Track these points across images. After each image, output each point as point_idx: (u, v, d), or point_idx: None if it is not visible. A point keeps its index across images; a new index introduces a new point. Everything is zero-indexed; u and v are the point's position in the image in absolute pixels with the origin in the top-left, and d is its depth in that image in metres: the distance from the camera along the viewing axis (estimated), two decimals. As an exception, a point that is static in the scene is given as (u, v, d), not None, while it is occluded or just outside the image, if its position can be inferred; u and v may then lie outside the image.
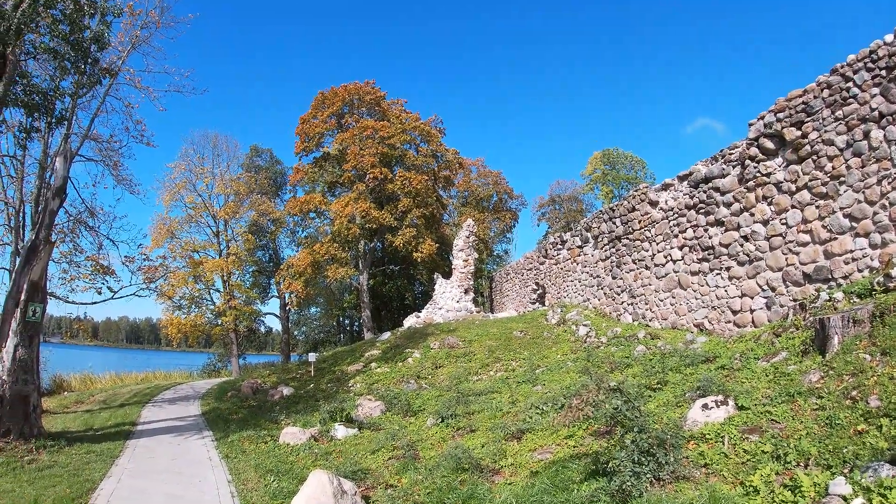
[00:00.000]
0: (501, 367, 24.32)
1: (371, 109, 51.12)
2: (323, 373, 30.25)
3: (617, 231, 26.82)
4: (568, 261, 32.51)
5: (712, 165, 20.67)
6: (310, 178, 51.30)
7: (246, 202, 51.37)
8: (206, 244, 49.19)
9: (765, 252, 18.39)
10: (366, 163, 46.31)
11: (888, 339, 10.49)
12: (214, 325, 48.92)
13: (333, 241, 47.30)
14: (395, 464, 14.42)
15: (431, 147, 52.20)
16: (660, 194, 23.94)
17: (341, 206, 45.99)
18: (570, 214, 62.31)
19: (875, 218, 15.18)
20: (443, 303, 40.58)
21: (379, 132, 47.51)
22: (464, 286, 40.88)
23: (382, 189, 47.90)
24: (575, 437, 13.05)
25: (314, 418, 20.52)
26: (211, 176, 49.62)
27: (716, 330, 19.87)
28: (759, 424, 10.26)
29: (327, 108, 50.27)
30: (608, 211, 28.14)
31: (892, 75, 14.79)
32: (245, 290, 51.52)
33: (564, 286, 32.92)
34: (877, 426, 8.48)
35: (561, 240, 33.99)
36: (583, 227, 31.13)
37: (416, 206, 47.62)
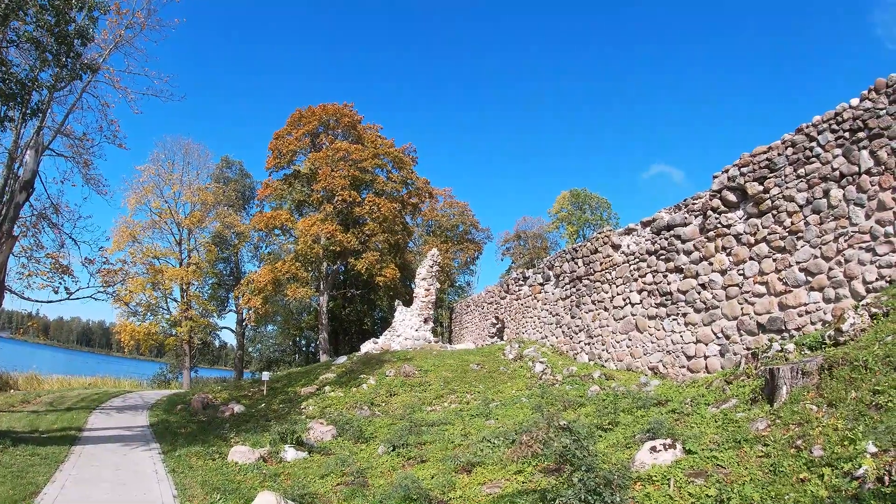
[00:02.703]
0: (456, 398, 24.29)
1: (347, 132, 51.15)
2: (276, 393, 29.90)
3: (578, 271, 27.12)
4: (529, 297, 32.72)
5: (675, 214, 21.10)
6: (278, 194, 50.98)
7: (212, 213, 50.83)
8: (168, 252, 48.56)
9: (721, 301, 18.79)
10: (336, 184, 46.26)
11: (835, 392, 10.77)
12: (169, 334, 48.07)
13: (296, 260, 47.02)
14: (343, 490, 14.29)
15: (403, 174, 52.32)
16: (622, 238, 24.33)
17: (307, 225, 45.75)
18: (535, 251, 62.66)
19: (830, 273, 15.65)
20: (402, 330, 40.43)
21: (352, 155, 47.54)
22: (424, 315, 40.83)
23: (350, 212, 47.84)
24: (524, 473, 13.07)
25: (264, 438, 20.27)
26: (179, 183, 49.05)
27: (670, 374, 20.15)
28: (705, 469, 10.42)
29: (303, 126, 50.18)
30: (571, 251, 28.47)
31: (855, 137, 15.35)
32: (203, 301, 50.79)
33: (524, 322, 33.10)
34: (819, 475, 8.68)
35: (523, 276, 34.23)
36: (545, 264, 31.42)
37: (382, 232, 47.59)
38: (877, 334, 12.10)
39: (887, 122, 14.68)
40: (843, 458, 8.68)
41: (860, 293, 14.84)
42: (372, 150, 49.62)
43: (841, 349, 12.51)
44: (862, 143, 15.25)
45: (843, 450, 8.91)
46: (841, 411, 10.04)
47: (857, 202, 15.28)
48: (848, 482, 8.18)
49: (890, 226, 14.52)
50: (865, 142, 15.16)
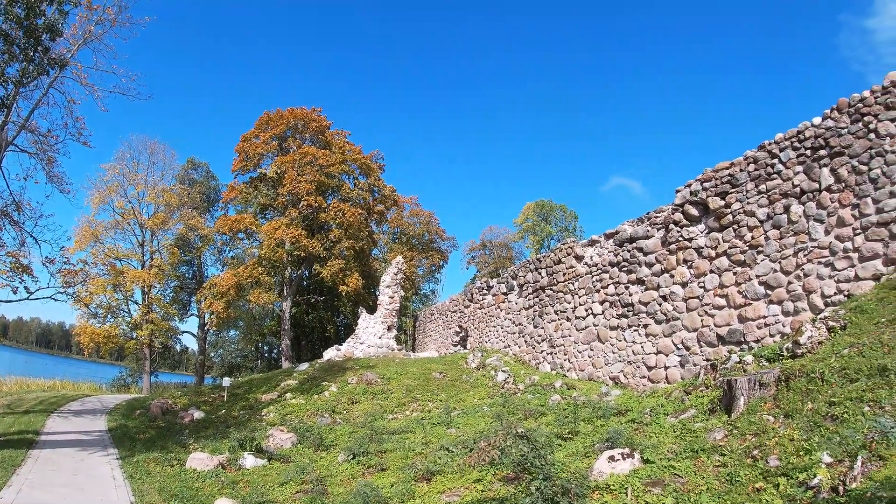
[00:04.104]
0: (418, 407, 24.21)
1: (315, 137, 50.81)
2: (236, 399, 29.54)
3: (542, 281, 27.22)
4: (492, 306, 32.76)
5: (638, 226, 21.30)
6: (243, 197, 50.46)
7: (176, 214, 50.14)
8: (130, 253, 47.76)
9: (682, 312, 18.99)
10: (302, 189, 45.91)
11: (791, 403, 10.88)
12: (129, 337, 47.30)
13: (260, 265, 46.50)
14: (302, 498, 14.17)
15: (370, 181, 52.15)
16: (585, 249, 24.50)
17: (272, 229, 45.32)
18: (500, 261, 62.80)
19: (789, 287, 15.91)
20: (365, 338, 40.23)
21: (319, 160, 47.22)
22: (387, 323, 40.68)
23: (315, 217, 47.54)
24: (484, 482, 13.03)
25: (223, 445, 20.01)
26: (144, 183, 48.31)
27: (630, 384, 20.28)
28: (662, 478, 10.45)
29: (270, 130, 49.74)
30: (535, 261, 28.57)
31: (816, 155, 15.67)
32: (164, 305, 50.08)
33: (487, 331, 33.11)
34: (774, 485, 8.75)
35: (487, 285, 34.27)
36: (509, 274, 31.49)
37: (348, 238, 47.31)
38: (834, 347, 12.27)
39: (848, 141, 15.00)
40: (798, 469, 8.76)
41: (819, 307, 15.10)
42: (339, 155, 49.38)
43: (798, 361, 12.66)
44: (823, 160, 15.57)
45: (798, 460, 9.00)
46: (797, 422, 10.14)
47: (817, 218, 15.56)
48: (803, 492, 8.25)
49: (849, 241, 14.82)
50: (826, 160, 15.49)
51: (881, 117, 14.48)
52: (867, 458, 8.08)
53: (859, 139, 14.86)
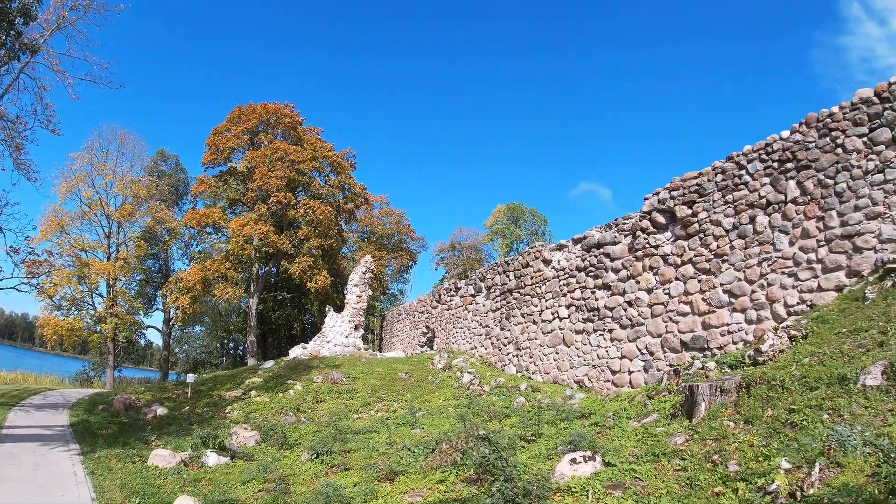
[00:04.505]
0: (383, 407, 24.15)
1: (286, 132, 50.24)
2: (200, 396, 29.19)
3: (509, 284, 27.30)
4: (460, 308, 32.78)
5: (606, 232, 21.48)
6: (213, 191, 49.72)
7: (143, 207, 49.07)
8: (96, 244, 46.70)
9: (646, 318, 19.19)
10: (272, 185, 45.44)
11: (751, 409, 11.03)
12: (93, 331, 46.27)
13: (227, 260, 45.91)
14: (264, 497, 14.05)
15: (340, 178, 51.76)
16: (553, 254, 24.64)
17: (240, 225, 44.79)
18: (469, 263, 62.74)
19: (753, 296, 16.17)
20: (332, 336, 40.02)
21: (290, 155, 46.76)
22: (354, 322, 40.53)
23: (284, 214, 47.11)
24: (447, 483, 13.03)
25: (186, 442, 19.76)
26: (112, 174, 47.19)
27: (594, 387, 20.43)
28: (623, 481, 10.52)
29: (242, 124, 49.15)
30: (503, 264, 28.66)
31: (784, 168, 15.96)
32: (129, 298, 49.18)
33: (454, 332, 33.13)
34: (733, 489, 8.85)
35: (455, 287, 34.29)
36: (478, 276, 31.54)
37: (317, 236, 46.96)
38: (795, 355, 12.46)
39: (815, 155, 15.29)
40: (757, 474, 8.87)
41: (781, 316, 15.35)
42: (311, 152, 48.94)
43: (760, 369, 12.85)
44: (790, 173, 15.85)
45: (757, 465, 9.11)
46: (757, 428, 10.28)
47: (782, 229, 15.83)
48: (761, 497, 8.34)
49: (813, 253, 15.09)
50: (793, 172, 15.77)
51: (849, 133, 14.78)
52: (825, 465, 8.20)
53: (826, 153, 15.14)
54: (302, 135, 50.51)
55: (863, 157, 14.52)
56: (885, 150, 14.16)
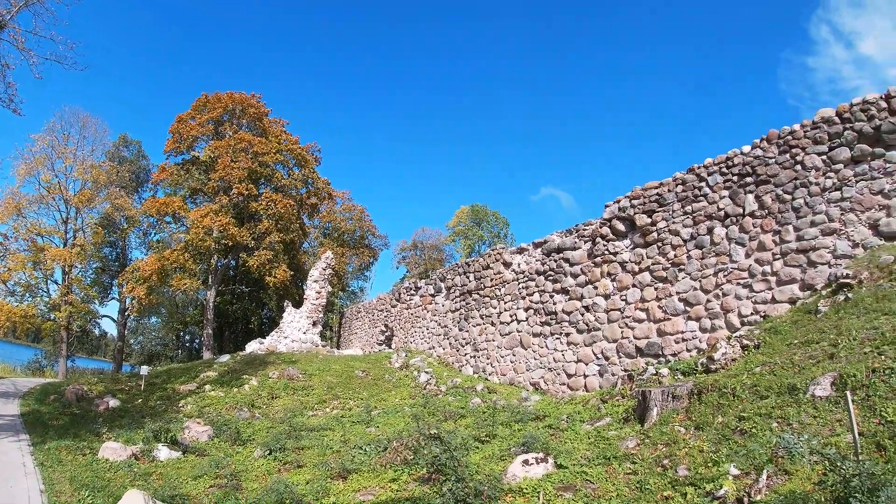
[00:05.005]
0: (339, 404, 24.01)
1: (252, 123, 49.59)
2: (154, 388, 28.71)
3: (469, 285, 27.37)
4: (419, 307, 32.78)
5: (566, 237, 21.67)
6: (174, 180, 48.78)
7: (103, 192, 47.74)
8: (53, 230, 45.35)
9: (603, 323, 19.41)
10: (234, 176, 44.81)
11: (702, 416, 11.20)
12: (47, 318, 45.02)
13: (185, 251, 44.99)
14: (215, 493, 13.86)
15: (304, 172, 51.26)
16: (514, 257, 24.76)
17: (200, 215, 44.02)
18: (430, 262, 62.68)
19: (708, 305, 16.45)
20: (289, 332, 39.67)
21: (254, 147, 46.18)
22: (313, 318, 40.24)
23: (246, 206, 46.57)
24: (399, 482, 13.02)
25: (138, 436, 19.40)
26: (73, 157, 45.82)
27: (550, 390, 20.58)
28: (574, 483, 10.61)
29: (208, 112, 48.36)
30: (464, 265, 28.72)
31: (743, 182, 16.28)
32: (85, 287, 47.93)
33: (413, 332, 33.11)
34: (682, 494, 8.97)
35: (415, 286, 34.27)
36: (438, 276, 31.57)
37: (278, 230, 46.43)
38: (746, 364, 12.67)
39: (775, 171, 15.62)
40: (706, 479, 9.00)
41: (735, 325, 15.64)
42: (276, 144, 48.37)
43: (712, 376, 13.04)
44: (749, 187, 16.19)
45: (706, 471, 9.25)
46: (707, 434, 10.43)
47: (739, 241, 16.14)
48: (709, 502, 8.47)
49: (768, 265, 15.41)
50: (752, 186, 16.11)
51: (809, 150, 15.12)
52: (773, 472, 8.35)
53: (786, 169, 15.48)
54: (267, 126, 49.94)
55: (821, 174, 14.86)
56: (843, 169, 14.51)
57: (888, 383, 9.02)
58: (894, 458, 7.35)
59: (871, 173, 14.17)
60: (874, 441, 8.05)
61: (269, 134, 49.24)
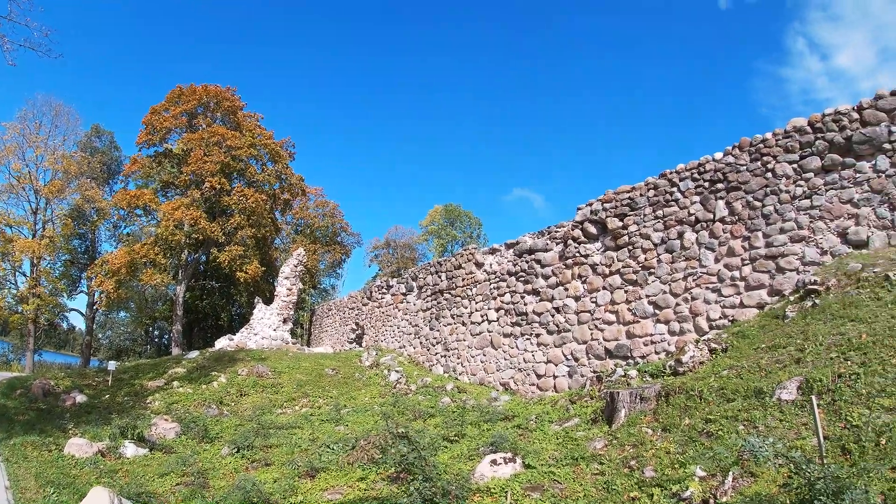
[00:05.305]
0: (308, 402, 23.88)
1: (226, 116, 48.99)
2: (122, 384, 28.31)
3: (441, 285, 27.38)
4: (391, 306, 32.73)
5: (538, 239, 21.77)
6: (146, 172, 48.08)
7: (74, 183, 46.71)
8: (22, 220, 44.36)
9: (573, 325, 19.53)
10: (207, 169, 44.21)
11: (670, 418, 11.31)
12: (14, 311, 44.06)
13: (156, 245, 44.36)
14: (182, 490, 13.72)
15: (278, 168, 50.70)
16: (486, 257, 24.82)
17: (171, 208, 43.43)
18: (403, 261, 62.58)
19: (677, 308, 16.62)
20: (259, 329, 39.36)
21: (228, 140, 45.70)
22: (283, 315, 39.97)
23: (218, 200, 45.99)
24: (367, 481, 12.98)
25: (104, 432, 19.13)
26: (44, 147, 44.85)
27: (520, 390, 20.66)
28: (541, 483, 10.65)
29: (181, 105, 47.65)
30: (436, 264, 28.73)
31: (714, 188, 16.49)
32: (53, 279, 47.04)
33: (384, 330, 33.05)
34: (649, 495, 9.04)
35: (387, 284, 34.21)
36: (410, 275, 31.54)
37: (249, 225, 45.96)
38: (714, 367, 12.80)
39: (746, 178, 15.83)
40: (672, 480, 9.08)
41: (703, 329, 15.81)
42: (249, 138, 47.82)
43: (679, 379, 13.18)
44: (720, 193, 16.38)
45: (673, 472, 9.33)
46: (674, 436, 10.53)
47: (709, 246, 16.33)
48: (675, 503, 8.55)
49: (737, 271, 15.60)
50: (723, 193, 16.31)
51: (780, 158, 15.32)
52: (739, 475, 8.44)
53: (756, 177, 15.67)
54: (241, 120, 49.41)
55: (791, 182, 15.06)
56: (813, 178, 14.73)
57: (854, 388, 9.17)
58: (859, 462, 7.46)
59: (841, 182, 14.39)
60: (839, 445, 8.17)
61: (244, 128, 48.74)
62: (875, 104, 14.06)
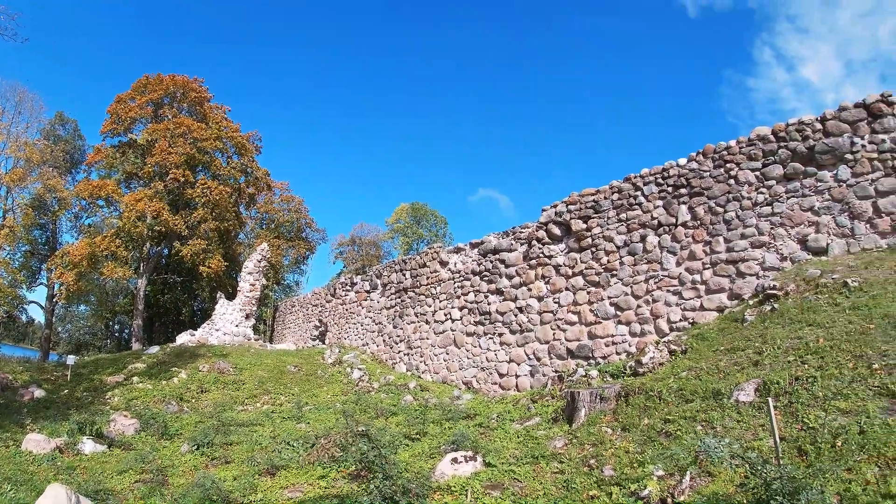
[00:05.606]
0: (270, 400, 23.71)
1: (192, 108, 48.08)
2: (81, 379, 27.80)
3: (405, 283, 27.37)
4: (354, 303, 32.63)
5: (503, 239, 21.89)
6: (109, 162, 46.78)
7: (35, 172, 45.41)
8: None
9: (536, 325, 19.69)
10: (171, 161, 43.24)
11: (629, 417, 11.46)
12: None
13: (118, 237, 43.45)
14: (141, 488, 13.53)
15: (244, 161, 49.90)
16: (450, 256, 24.88)
17: (134, 200, 42.38)
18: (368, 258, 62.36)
19: (638, 310, 16.85)
20: (221, 324, 38.92)
21: (193, 132, 44.84)
22: (246, 311, 39.59)
23: (182, 193, 45.16)
24: (328, 478, 12.95)
25: (63, 428, 18.77)
26: (6, 134, 43.73)
27: (482, 389, 20.75)
28: (502, 481, 10.72)
29: (148, 94, 46.64)
30: (401, 262, 28.71)
31: (677, 193, 16.74)
32: (13, 270, 45.46)
33: (347, 328, 32.94)
34: (607, 493, 9.15)
35: (351, 281, 34.09)
36: (374, 272, 31.48)
37: (213, 218, 45.20)
38: (673, 369, 12.99)
39: (709, 184, 16.10)
40: (631, 479, 9.19)
41: (664, 330, 16.05)
42: (216, 131, 46.98)
43: (639, 379, 13.34)
44: (683, 198, 16.64)
45: (631, 471, 9.45)
46: (633, 436, 10.67)
47: (671, 250, 16.57)
48: (634, 501, 8.66)
49: (698, 274, 15.86)
50: (686, 198, 16.56)
51: (743, 166, 15.62)
52: (696, 474, 8.57)
53: (719, 183, 15.95)
54: (208, 112, 48.58)
55: (754, 189, 15.36)
56: (775, 185, 15.03)
57: (810, 391, 9.36)
58: (815, 463, 7.60)
59: (802, 191, 14.71)
60: (796, 446, 8.33)
61: (210, 120, 47.93)
62: (838, 115, 14.39)
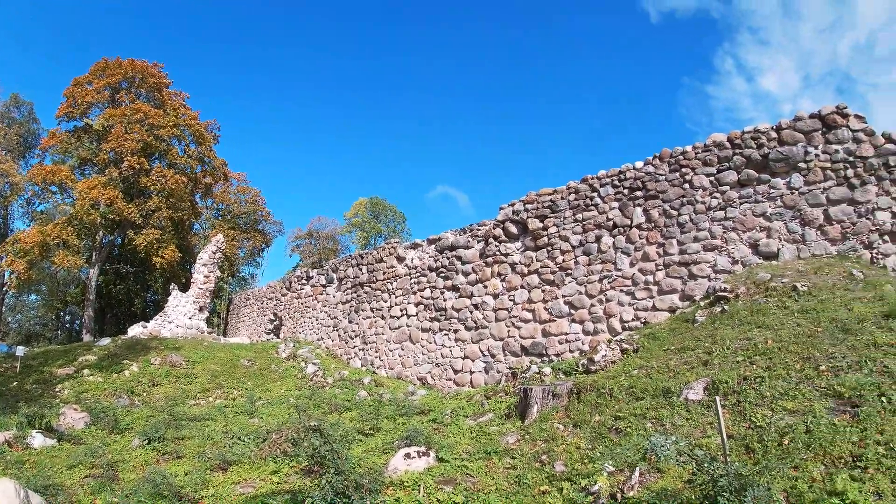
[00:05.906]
0: (222, 394, 23.50)
1: (151, 93, 47.04)
2: (30, 371, 27.19)
3: (361, 278, 27.32)
4: (310, 297, 32.46)
5: (460, 236, 22.00)
6: (64, 147, 45.52)
7: None
8: None
9: (491, 322, 19.87)
10: (126, 148, 42.26)
11: (580, 414, 11.64)
12: None
13: (70, 225, 42.37)
14: (91, 483, 13.30)
15: (201, 150, 48.93)
16: (408, 252, 24.92)
17: (88, 187, 41.34)
18: (325, 252, 61.97)
19: (592, 309, 17.12)
20: (174, 317, 38.30)
21: (150, 118, 43.90)
22: (200, 303, 39.05)
23: (136, 181, 44.13)
24: (280, 474, 12.88)
25: (11, 421, 18.34)
26: None
27: (437, 385, 20.84)
28: (454, 477, 10.79)
29: (105, 78, 45.58)
30: (357, 257, 28.64)
31: (633, 195, 17.08)
32: None
33: (302, 322, 32.77)
34: (558, 489, 9.29)
35: (307, 275, 33.89)
36: (330, 266, 31.35)
37: (168, 208, 44.36)
38: (625, 367, 13.22)
39: (664, 187, 16.44)
40: (581, 475, 9.36)
41: (617, 329, 16.33)
42: (173, 118, 45.99)
43: (591, 377, 13.56)
44: (638, 200, 16.98)
45: (582, 467, 9.62)
46: (584, 432, 10.84)
47: (625, 251, 16.88)
48: (584, 497, 8.81)
49: (651, 275, 16.17)
50: (641, 200, 16.90)
51: (698, 171, 15.97)
52: (646, 470, 8.76)
53: (674, 187, 16.27)
54: (166, 98, 47.55)
55: (708, 194, 15.71)
56: (729, 191, 15.41)
57: (758, 391, 9.62)
58: (762, 461, 7.82)
59: (755, 197, 15.10)
60: (744, 444, 8.56)
61: (168, 106, 46.93)
62: (793, 125, 14.78)
